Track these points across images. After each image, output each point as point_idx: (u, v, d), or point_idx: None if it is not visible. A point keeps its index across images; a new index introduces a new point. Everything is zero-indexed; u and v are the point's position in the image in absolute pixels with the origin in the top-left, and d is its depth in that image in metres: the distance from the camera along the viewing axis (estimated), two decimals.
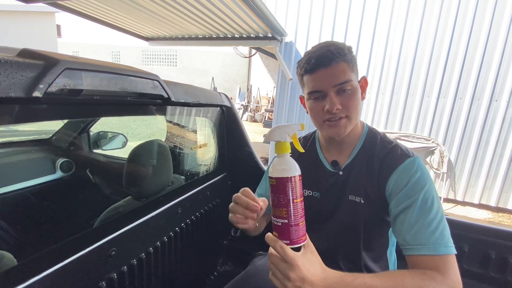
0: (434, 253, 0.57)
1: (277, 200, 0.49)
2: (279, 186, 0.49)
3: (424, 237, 0.59)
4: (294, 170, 0.50)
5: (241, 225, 0.58)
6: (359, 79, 0.71)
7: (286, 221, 0.49)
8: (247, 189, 0.58)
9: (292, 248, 0.48)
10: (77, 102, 0.58)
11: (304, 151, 0.59)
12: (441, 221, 0.61)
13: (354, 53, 0.69)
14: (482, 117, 3.49)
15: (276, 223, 0.50)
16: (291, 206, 0.49)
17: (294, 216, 0.49)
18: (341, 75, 0.65)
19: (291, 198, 0.49)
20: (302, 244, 0.50)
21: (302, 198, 0.51)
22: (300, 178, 0.51)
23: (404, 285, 0.52)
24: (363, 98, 0.72)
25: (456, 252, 0.58)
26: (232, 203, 0.58)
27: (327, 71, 0.65)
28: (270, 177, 0.51)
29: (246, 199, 0.56)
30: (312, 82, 0.68)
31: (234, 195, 0.58)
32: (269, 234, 0.50)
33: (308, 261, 0.48)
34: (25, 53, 0.48)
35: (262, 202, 0.57)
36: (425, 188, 0.63)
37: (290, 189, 0.49)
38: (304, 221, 0.51)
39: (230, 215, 0.59)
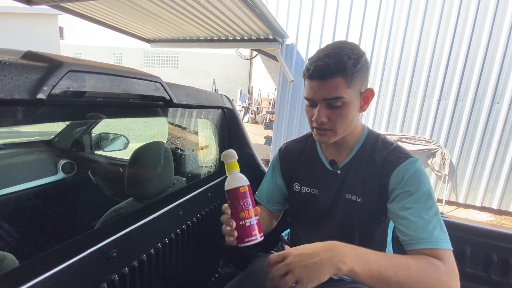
0: (436, 247, 0.59)
1: (243, 205, 0.60)
2: (248, 193, 0.61)
3: (426, 233, 0.61)
4: (246, 180, 0.62)
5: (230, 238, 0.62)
6: (363, 90, 0.69)
7: (253, 219, 0.60)
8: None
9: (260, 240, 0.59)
10: (80, 104, 0.58)
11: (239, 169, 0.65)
12: (439, 219, 0.64)
13: (363, 63, 0.66)
14: (483, 119, 3.48)
15: (245, 224, 0.60)
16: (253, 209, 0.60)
17: (256, 215, 0.61)
18: (333, 91, 0.65)
19: (253, 202, 0.61)
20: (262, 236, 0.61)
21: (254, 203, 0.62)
22: (250, 187, 0.62)
23: (408, 265, 0.54)
24: (363, 109, 0.72)
25: (452, 249, 0.61)
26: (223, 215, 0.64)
27: (321, 84, 0.66)
28: (239, 187, 0.60)
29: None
30: (307, 90, 0.70)
31: (223, 206, 0.64)
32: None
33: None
34: (29, 55, 0.48)
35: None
36: (425, 186, 0.65)
37: (250, 196, 0.61)
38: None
39: (223, 227, 0.65)
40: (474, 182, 3.68)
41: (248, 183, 0.62)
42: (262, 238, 0.60)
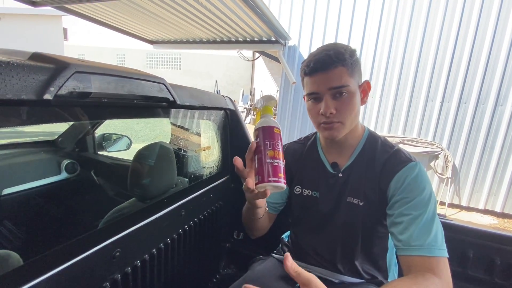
0: (428, 254, 0.59)
1: (274, 145, 0.54)
2: (281, 137, 0.56)
3: (419, 239, 0.60)
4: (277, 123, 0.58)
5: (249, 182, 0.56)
6: (361, 83, 0.72)
7: (281, 163, 0.54)
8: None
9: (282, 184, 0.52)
10: (86, 105, 0.59)
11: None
12: (436, 224, 0.63)
13: (357, 56, 0.69)
14: (487, 121, 3.46)
15: (272, 163, 0.53)
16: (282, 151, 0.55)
17: (283, 161, 0.55)
18: (337, 80, 0.66)
19: (283, 150, 0.55)
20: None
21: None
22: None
23: None
24: (364, 102, 0.73)
25: (448, 256, 0.60)
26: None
27: (324, 75, 0.67)
28: (274, 127, 0.56)
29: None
30: (310, 85, 0.70)
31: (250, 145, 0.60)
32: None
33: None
34: (36, 56, 0.49)
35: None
36: (424, 192, 0.65)
37: (281, 141, 0.56)
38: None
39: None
40: (477, 185, 3.66)
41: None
42: (285, 186, 0.53)
